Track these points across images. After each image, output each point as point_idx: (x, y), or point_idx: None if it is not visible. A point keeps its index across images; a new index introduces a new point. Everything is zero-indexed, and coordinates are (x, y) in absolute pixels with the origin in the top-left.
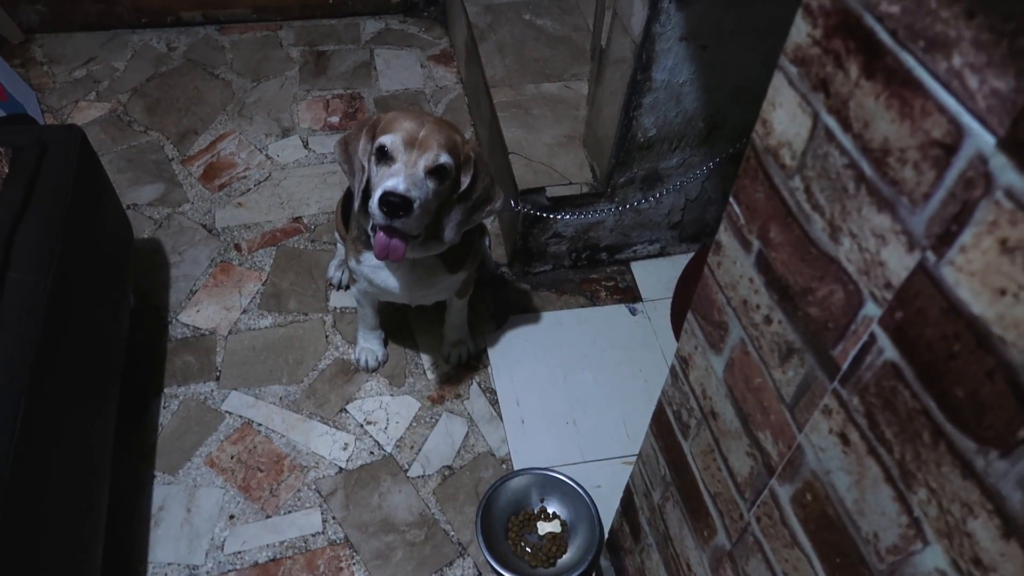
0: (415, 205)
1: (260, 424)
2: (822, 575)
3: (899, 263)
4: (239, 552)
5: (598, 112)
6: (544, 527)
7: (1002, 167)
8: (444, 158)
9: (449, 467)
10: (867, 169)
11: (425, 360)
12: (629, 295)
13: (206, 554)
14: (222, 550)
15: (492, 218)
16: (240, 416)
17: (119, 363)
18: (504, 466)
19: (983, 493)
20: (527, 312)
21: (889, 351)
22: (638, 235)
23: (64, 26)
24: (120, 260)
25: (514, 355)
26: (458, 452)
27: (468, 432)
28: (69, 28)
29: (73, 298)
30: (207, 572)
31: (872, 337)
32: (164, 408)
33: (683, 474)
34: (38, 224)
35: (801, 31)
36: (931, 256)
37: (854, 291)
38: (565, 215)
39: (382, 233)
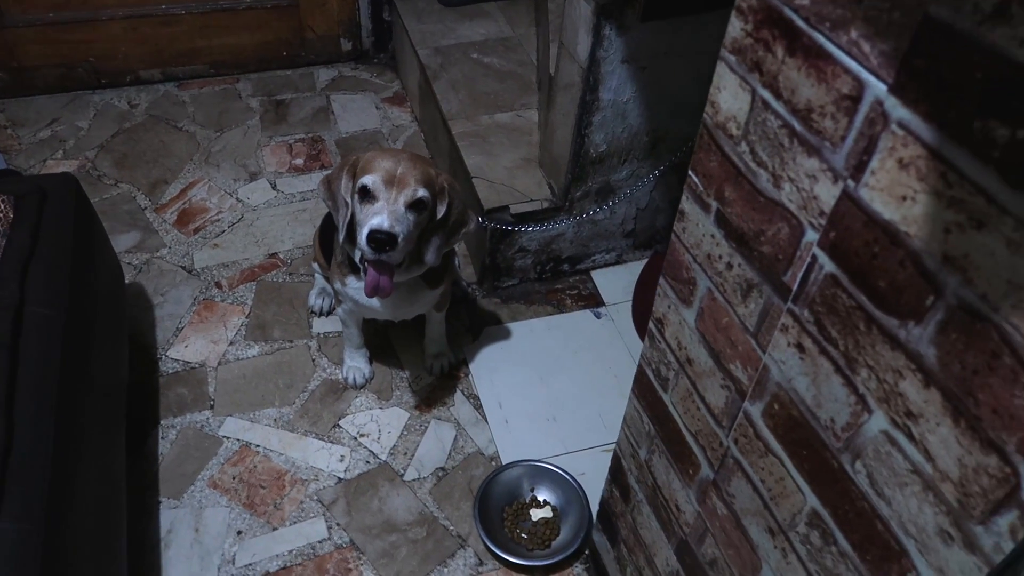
0: (400, 239)
1: (258, 445)
2: (793, 470)
3: (828, 194)
4: (250, 564)
5: (551, 134)
6: (537, 513)
7: (893, 106)
8: (422, 192)
9: (442, 468)
10: (797, 126)
11: (409, 374)
12: (593, 301)
13: (218, 569)
14: (233, 564)
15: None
16: (238, 439)
17: (123, 397)
18: (493, 463)
19: (908, 357)
20: (500, 323)
21: (828, 265)
22: (596, 245)
23: (25, 91)
24: (117, 298)
25: (492, 363)
26: (449, 454)
27: (456, 435)
28: (29, 92)
29: (84, 332)
30: None
31: (813, 258)
32: (163, 439)
33: (665, 424)
34: (47, 263)
35: (736, 27)
36: (851, 183)
37: (796, 224)
38: (529, 228)
39: (372, 270)
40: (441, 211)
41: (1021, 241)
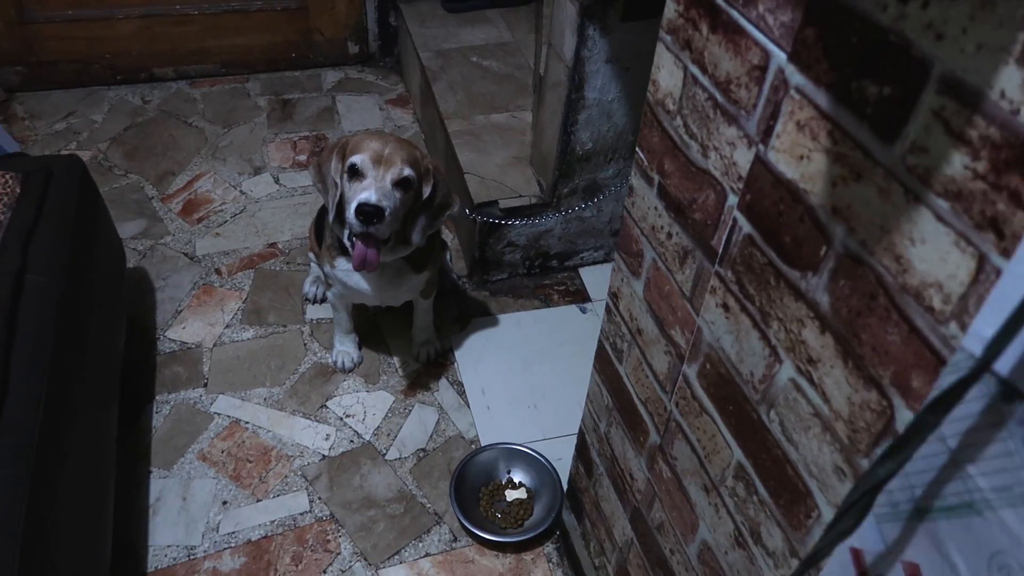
0: (386, 212)
1: (247, 422)
2: (723, 427)
3: (744, 159)
4: (233, 532)
5: (541, 132)
6: (512, 494)
7: (792, 72)
8: (408, 171)
9: (423, 450)
10: (719, 97)
11: (396, 360)
12: (579, 296)
13: (203, 535)
14: (217, 531)
15: (452, 236)
16: (228, 416)
17: (117, 370)
18: (473, 446)
19: (807, 306)
20: (487, 315)
21: (746, 227)
22: (584, 242)
23: (42, 85)
24: (116, 276)
25: (478, 352)
26: (431, 436)
27: (439, 419)
28: (47, 87)
29: (80, 302)
30: (204, 551)
31: (734, 220)
32: (156, 413)
33: (620, 394)
34: (48, 235)
35: (670, 8)
36: (762, 147)
37: (720, 190)
38: (516, 222)
39: (359, 244)
40: (426, 191)
41: (889, 189)
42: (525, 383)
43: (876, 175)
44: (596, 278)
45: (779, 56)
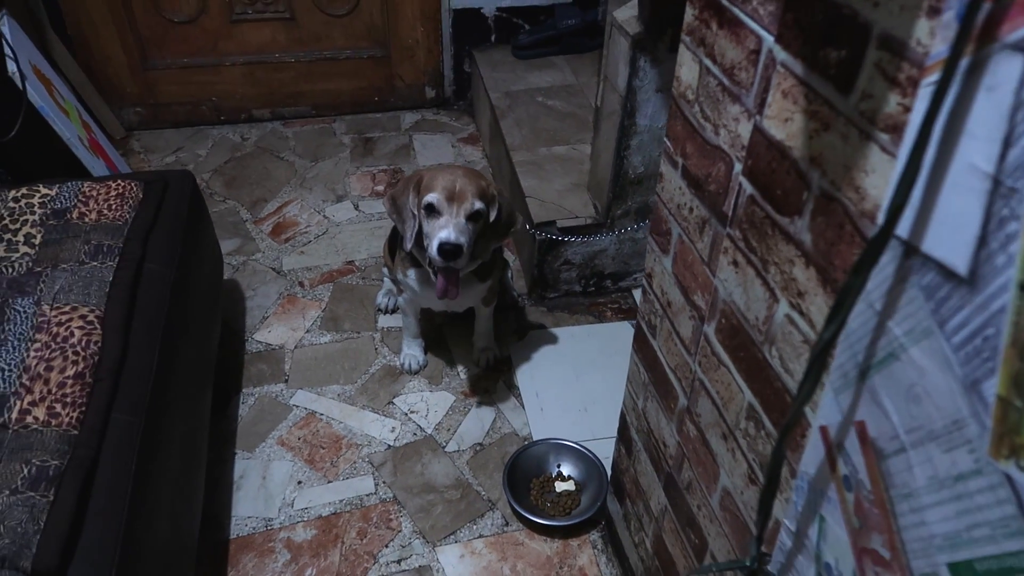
0: (464, 248)
1: (322, 414)
2: (736, 373)
3: (746, 130)
4: (306, 508)
5: (597, 158)
6: (561, 486)
7: (778, 51)
8: (478, 204)
9: (480, 444)
10: (726, 81)
11: (459, 365)
12: (631, 314)
13: (279, 509)
14: (292, 506)
15: (514, 258)
16: (305, 408)
17: (213, 360)
18: (526, 443)
19: (796, 246)
20: (544, 328)
21: (748, 188)
22: (636, 263)
23: (157, 124)
24: (216, 277)
25: (534, 360)
26: (487, 432)
27: (496, 417)
28: (161, 126)
29: (187, 292)
30: (280, 523)
31: (740, 185)
32: (243, 404)
33: (654, 367)
34: (164, 233)
35: (689, 14)
36: (758, 118)
37: (729, 161)
38: (572, 239)
39: (441, 279)
40: (493, 215)
41: (848, 133)
42: (577, 389)
43: (839, 123)
44: None
45: (768, 39)
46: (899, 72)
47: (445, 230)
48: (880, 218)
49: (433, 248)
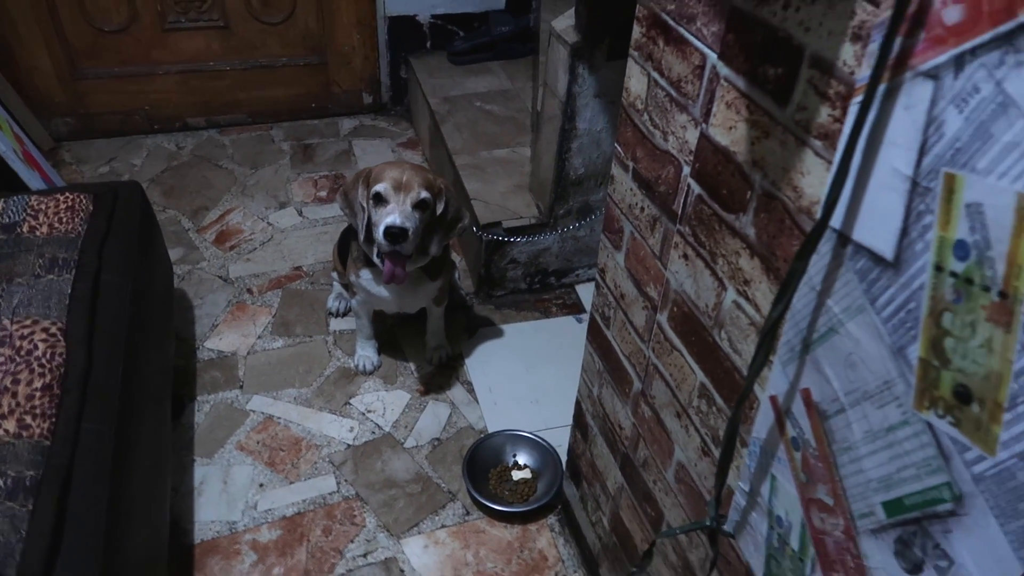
0: (410, 232)
1: (280, 417)
2: (688, 356)
3: (693, 137)
4: (269, 509)
5: (539, 161)
6: (518, 474)
7: (721, 67)
8: (424, 194)
9: (438, 439)
10: (674, 93)
11: (412, 364)
12: (575, 309)
13: (242, 512)
14: (255, 509)
15: (460, 258)
16: (262, 412)
17: (171, 367)
18: (482, 435)
19: (741, 240)
20: (493, 326)
21: (696, 188)
22: (579, 260)
23: (88, 134)
24: (168, 285)
25: (485, 356)
26: (444, 427)
27: (451, 413)
28: (92, 136)
29: (144, 301)
30: (244, 525)
31: (688, 186)
32: (198, 411)
33: (609, 355)
34: (117, 244)
35: (637, 31)
36: (704, 126)
37: (678, 164)
38: (517, 239)
39: (388, 262)
40: (440, 208)
41: (786, 140)
42: (528, 382)
43: (777, 131)
44: (590, 293)
45: (712, 56)
46: (829, 88)
47: (391, 216)
48: (818, 212)
49: (380, 232)
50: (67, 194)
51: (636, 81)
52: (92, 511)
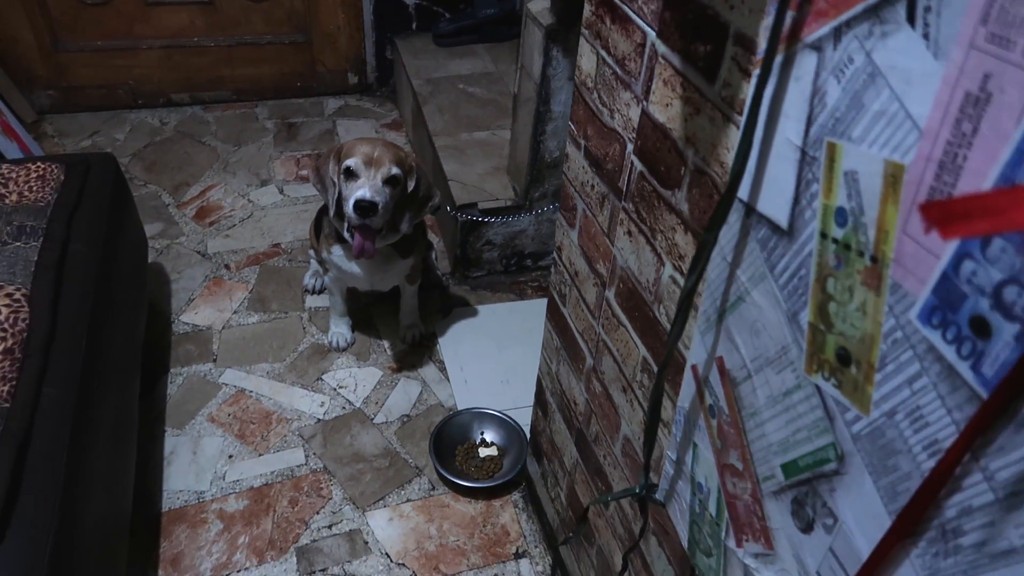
0: (380, 206)
1: (252, 391)
2: (632, 331)
3: (635, 114)
4: (238, 480)
5: (515, 143)
6: (484, 452)
7: (659, 44)
8: (395, 170)
9: (407, 415)
10: (618, 71)
11: (386, 342)
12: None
13: (210, 483)
14: (224, 479)
15: (438, 239)
16: (235, 386)
17: (140, 340)
18: (451, 412)
19: (676, 215)
20: (467, 306)
21: (639, 166)
22: (554, 243)
23: (70, 108)
24: (141, 258)
25: (458, 336)
26: (414, 404)
27: (422, 390)
28: (75, 109)
29: (113, 273)
30: (212, 495)
31: (632, 163)
32: (171, 383)
33: (565, 332)
34: (87, 215)
35: (587, 10)
36: (645, 103)
37: (623, 141)
38: (492, 220)
39: (358, 235)
40: (411, 186)
41: (715, 116)
42: (499, 362)
43: (707, 108)
44: None
45: (651, 34)
46: (750, 64)
47: (361, 190)
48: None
49: (349, 205)
50: (38, 163)
51: (587, 60)
52: (49, 474)
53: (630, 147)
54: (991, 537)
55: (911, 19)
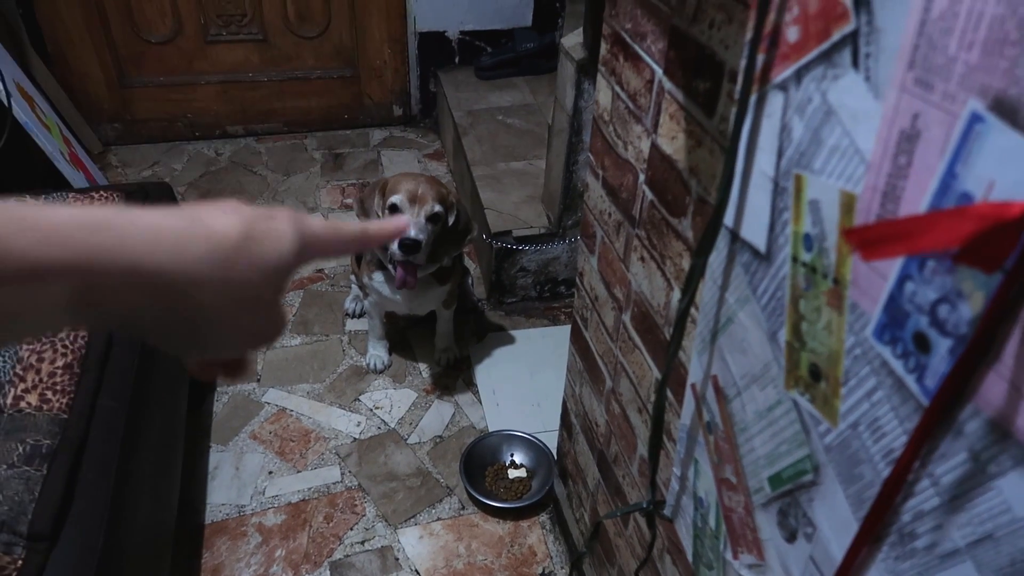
0: (423, 244)
1: (292, 410)
2: (646, 354)
3: (646, 146)
4: (276, 495)
5: (549, 173)
6: (513, 473)
7: (665, 81)
8: (437, 207)
9: (440, 436)
10: (631, 106)
11: (421, 364)
12: None
13: (251, 497)
14: (263, 494)
15: (475, 266)
16: (276, 405)
17: None
18: (482, 434)
19: (683, 242)
20: (502, 331)
21: (649, 195)
22: None
23: (134, 139)
24: None
25: (492, 360)
26: (447, 426)
27: (455, 412)
28: (137, 141)
29: None
30: (252, 509)
31: (643, 192)
32: (217, 401)
33: (587, 355)
34: None
35: (604, 48)
36: (654, 136)
37: (636, 172)
38: (526, 247)
39: (400, 269)
40: (451, 219)
41: (713, 148)
42: (531, 386)
43: (707, 140)
44: None
45: (659, 71)
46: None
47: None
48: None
49: (394, 244)
50: (101, 192)
51: (604, 95)
52: (101, 480)
53: (642, 177)
54: (939, 539)
55: (855, 63)
